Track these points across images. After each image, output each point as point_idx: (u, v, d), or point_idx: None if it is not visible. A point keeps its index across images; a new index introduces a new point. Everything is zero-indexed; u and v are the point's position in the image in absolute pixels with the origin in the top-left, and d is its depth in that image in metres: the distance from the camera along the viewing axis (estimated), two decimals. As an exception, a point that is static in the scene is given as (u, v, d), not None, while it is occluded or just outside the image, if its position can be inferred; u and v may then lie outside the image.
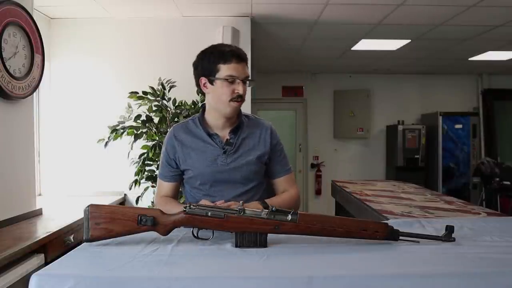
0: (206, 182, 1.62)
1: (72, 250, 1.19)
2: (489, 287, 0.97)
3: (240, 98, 1.58)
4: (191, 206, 1.23)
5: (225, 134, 1.64)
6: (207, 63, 1.59)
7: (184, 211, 1.22)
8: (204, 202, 1.42)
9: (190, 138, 1.65)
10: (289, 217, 1.20)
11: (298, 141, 6.82)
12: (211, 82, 1.59)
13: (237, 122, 1.66)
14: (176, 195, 1.73)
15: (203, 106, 1.70)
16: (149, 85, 3.13)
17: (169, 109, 3.15)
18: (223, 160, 1.61)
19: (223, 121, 1.63)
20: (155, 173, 3.13)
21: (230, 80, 1.56)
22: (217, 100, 1.59)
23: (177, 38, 3.69)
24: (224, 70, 1.56)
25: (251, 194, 1.62)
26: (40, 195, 3.45)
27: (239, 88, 1.56)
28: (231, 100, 1.57)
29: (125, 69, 3.64)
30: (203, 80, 1.61)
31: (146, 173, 3.14)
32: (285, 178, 1.70)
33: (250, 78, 1.63)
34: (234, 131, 1.64)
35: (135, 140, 3.08)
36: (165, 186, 1.69)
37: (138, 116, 3.13)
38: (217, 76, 1.56)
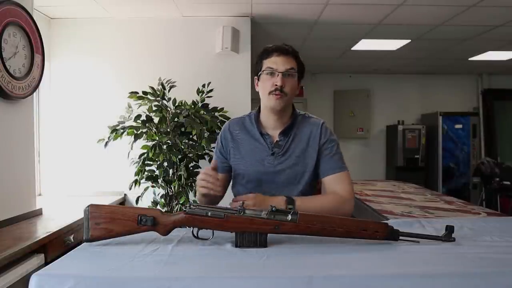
0: (252, 181, 1.62)
1: (72, 250, 1.19)
2: (489, 287, 0.96)
3: (279, 91, 1.55)
4: (191, 206, 1.23)
5: (275, 134, 1.63)
6: (256, 62, 1.64)
7: (184, 211, 1.22)
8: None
9: (243, 135, 1.66)
10: (289, 217, 1.20)
11: (298, 141, 6.81)
12: (259, 79, 1.63)
13: (288, 122, 1.64)
14: (225, 188, 1.69)
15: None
16: (149, 85, 3.13)
17: (169, 109, 3.15)
18: (270, 161, 1.61)
19: (274, 120, 1.63)
20: (155, 173, 3.13)
21: (269, 73, 1.57)
22: (262, 95, 1.62)
23: (177, 38, 3.69)
24: (265, 64, 1.59)
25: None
26: (40, 195, 3.45)
27: (277, 81, 1.55)
28: (270, 92, 1.56)
29: (125, 69, 3.64)
30: (256, 79, 1.65)
31: (146, 173, 3.14)
32: (332, 178, 1.60)
33: (292, 70, 1.58)
34: (285, 133, 1.63)
35: (135, 140, 3.08)
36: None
37: (138, 116, 3.13)
38: (260, 71, 1.60)
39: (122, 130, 3.07)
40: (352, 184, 1.64)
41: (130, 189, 3.14)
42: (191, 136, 3.15)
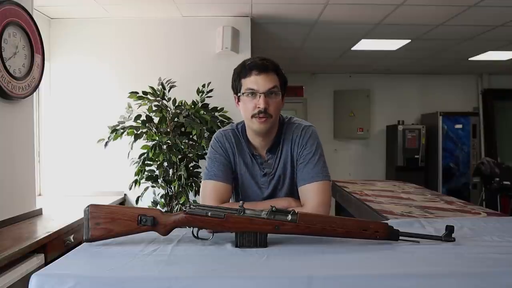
0: (244, 198, 1.56)
1: (72, 250, 1.19)
2: (489, 287, 0.96)
3: (263, 114, 1.44)
4: (191, 206, 1.23)
5: (263, 153, 1.57)
6: (233, 80, 1.53)
7: (184, 211, 1.22)
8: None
9: (240, 148, 1.57)
10: (289, 217, 1.20)
11: (298, 141, 6.81)
12: (239, 99, 1.53)
13: (275, 139, 1.55)
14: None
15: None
16: (149, 85, 3.13)
17: (169, 109, 3.15)
18: (263, 183, 1.57)
19: (260, 140, 1.54)
20: (155, 173, 3.13)
21: (250, 94, 1.46)
22: (244, 117, 1.52)
23: (177, 38, 3.69)
24: (244, 84, 1.48)
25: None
26: (40, 195, 3.45)
27: (260, 103, 1.44)
28: (252, 116, 1.46)
29: (125, 69, 3.64)
30: (235, 98, 1.55)
31: (146, 173, 3.14)
32: (304, 188, 1.50)
33: (275, 88, 1.46)
34: (272, 150, 1.55)
35: (135, 140, 3.08)
36: (225, 188, 1.52)
37: (138, 116, 3.13)
38: (240, 92, 1.50)
39: (122, 130, 3.07)
40: (327, 193, 1.50)
41: (130, 189, 3.15)
42: (191, 136, 3.15)
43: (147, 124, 3.10)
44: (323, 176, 1.51)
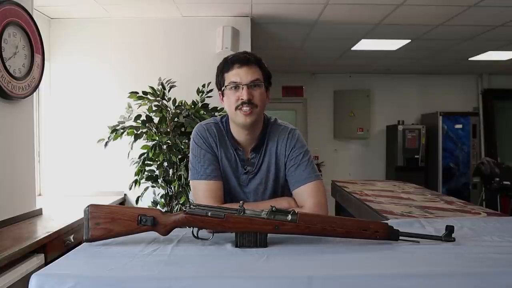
0: (235, 195, 1.54)
1: (72, 250, 1.19)
2: (489, 287, 0.96)
3: (246, 105, 1.44)
4: (191, 206, 1.23)
5: (247, 150, 1.55)
6: (217, 76, 1.53)
7: (184, 211, 1.22)
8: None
9: (223, 142, 1.54)
10: (289, 217, 1.20)
11: (298, 141, 6.81)
12: (223, 94, 1.52)
13: (259, 137, 1.54)
14: None
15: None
16: (149, 85, 3.13)
17: (169, 109, 3.15)
18: (244, 180, 1.54)
19: (245, 135, 1.52)
20: (155, 173, 3.13)
21: (233, 87, 1.46)
22: (228, 112, 1.51)
23: (177, 38, 3.69)
24: (227, 78, 1.48)
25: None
26: (40, 195, 3.45)
27: (243, 94, 1.44)
28: (236, 108, 1.46)
29: (125, 69, 3.64)
30: (220, 95, 1.54)
31: (146, 173, 3.14)
32: (300, 191, 1.49)
33: (257, 81, 1.46)
34: (256, 150, 1.54)
35: (135, 140, 3.08)
36: (218, 185, 1.50)
37: (138, 116, 3.13)
38: (223, 86, 1.50)
39: (122, 130, 3.07)
40: (323, 193, 1.50)
41: (130, 189, 3.14)
42: (191, 136, 3.14)
43: (147, 124, 3.10)
44: (315, 177, 1.51)
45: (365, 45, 4.74)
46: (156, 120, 3.12)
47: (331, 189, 4.38)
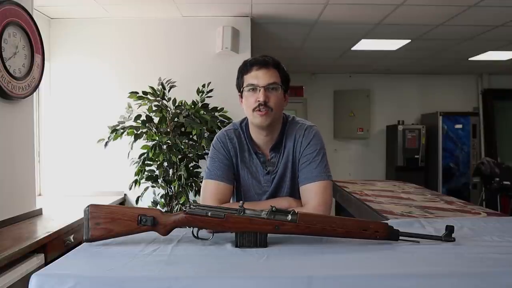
0: (246, 197, 1.58)
1: (72, 250, 1.19)
2: (489, 287, 0.96)
3: (263, 107, 1.47)
4: (191, 206, 1.23)
5: (267, 151, 1.58)
6: (237, 79, 1.57)
7: (184, 211, 1.22)
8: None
9: (242, 148, 1.58)
10: (289, 217, 1.20)
11: (298, 141, 6.81)
12: (242, 96, 1.56)
13: (278, 137, 1.56)
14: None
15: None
16: (149, 85, 3.13)
17: (169, 109, 3.15)
18: (266, 181, 1.57)
19: (263, 136, 1.55)
20: (155, 173, 3.13)
21: (251, 89, 1.50)
22: (246, 113, 1.54)
23: (177, 38, 3.69)
24: (246, 80, 1.52)
25: None
26: (40, 195, 3.45)
27: (260, 96, 1.47)
28: (254, 110, 1.49)
29: (125, 69, 3.64)
30: (240, 96, 1.58)
31: (146, 173, 3.14)
32: (306, 188, 1.50)
33: (275, 84, 1.49)
34: (275, 149, 1.57)
35: (135, 140, 3.08)
36: (226, 188, 1.54)
37: (138, 116, 3.13)
38: (242, 88, 1.54)
39: (122, 130, 3.08)
40: (329, 193, 1.51)
41: (130, 189, 3.15)
42: (191, 136, 3.15)
43: (147, 124, 3.10)
44: (325, 176, 1.51)
45: (365, 45, 4.74)
46: (156, 120, 3.12)
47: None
